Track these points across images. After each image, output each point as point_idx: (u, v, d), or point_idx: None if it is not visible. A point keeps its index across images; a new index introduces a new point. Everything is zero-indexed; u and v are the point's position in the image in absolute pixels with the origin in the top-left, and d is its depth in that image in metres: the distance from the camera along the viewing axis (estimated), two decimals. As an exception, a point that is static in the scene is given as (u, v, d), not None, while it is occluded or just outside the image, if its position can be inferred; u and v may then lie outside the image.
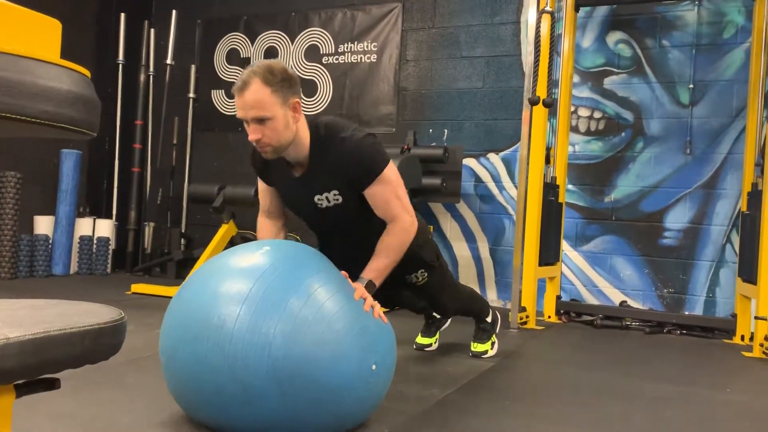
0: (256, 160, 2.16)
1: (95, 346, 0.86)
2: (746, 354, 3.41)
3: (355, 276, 1.97)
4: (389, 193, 2.01)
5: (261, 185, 2.24)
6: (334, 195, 2.03)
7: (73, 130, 0.70)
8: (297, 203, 2.16)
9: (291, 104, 1.89)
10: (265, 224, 2.26)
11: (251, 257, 1.73)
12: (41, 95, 0.66)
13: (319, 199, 2.05)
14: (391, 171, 2.03)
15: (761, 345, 3.32)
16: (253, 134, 1.88)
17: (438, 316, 3.10)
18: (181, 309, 1.69)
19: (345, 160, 1.96)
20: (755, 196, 3.63)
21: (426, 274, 2.41)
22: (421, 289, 2.50)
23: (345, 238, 2.16)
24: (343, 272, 1.83)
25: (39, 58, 0.67)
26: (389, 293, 2.62)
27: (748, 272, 3.66)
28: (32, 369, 0.80)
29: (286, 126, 1.89)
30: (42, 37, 0.70)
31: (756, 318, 3.37)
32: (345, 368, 1.60)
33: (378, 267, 1.98)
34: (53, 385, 0.91)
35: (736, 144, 4.23)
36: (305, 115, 2.02)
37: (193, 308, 1.64)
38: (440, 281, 2.53)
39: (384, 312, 1.86)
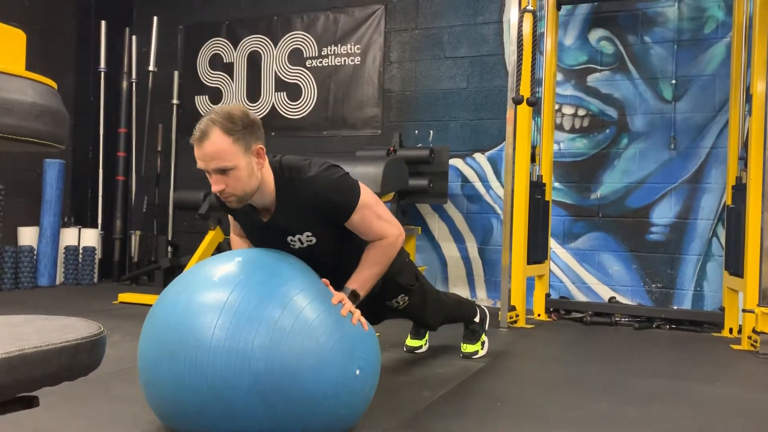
0: (222, 202, 2.03)
1: (72, 363, 0.84)
2: (735, 347, 3.42)
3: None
4: (370, 216, 1.96)
5: (230, 216, 2.17)
6: (307, 237, 1.96)
7: (39, 143, 0.67)
8: (269, 246, 2.04)
9: (254, 151, 1.79)
10: (237, 240, 2.22)
11: (224, 268, 1.68)
12: (3, 108, 0.63)
13: (291, 240, 1.98)
14: (366, 195, 1.96)
15: (749, 337, 3.34)
16: (216, 185, 1.78)
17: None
18: (156, 327, 1.64)
19: (316, 201, 1.88)
20: (740, 189, 3.65)
21: (407, 298, 2.39)
22: (403, 312, 2.48)
23: (322, 273, 2.12)
24: (324, 280, 1.81)
25: (0, 69, 0.65)
26: (372, 315, 2.61)
27: (734, 265, 3.68)
28: (7, 389, 0.77)
29: (250, 174, 1.79)
30: (4, 48, 0.68)
31: (744, 311, 3.39)
32: (328, 376, 1.57)
33: (362, 278, 1.95)
34: (31, 403, 0.89)
35: (719, 138, 4.26)
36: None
37: (167, 326, 1.59)
38: (421, 302, 2.49)
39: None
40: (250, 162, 1.79)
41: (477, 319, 2.98)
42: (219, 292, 1.58)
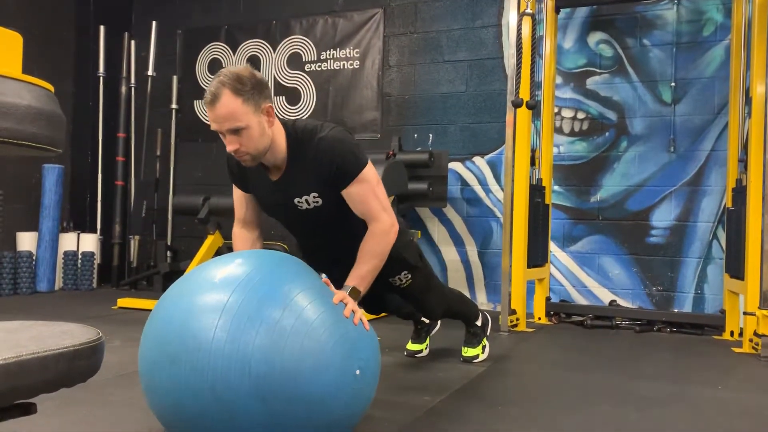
0: (232, 167, 2.13)
1: (70, 369, 0.83)
2: (736, 350, 3.42)
3: (339, 279, 1.94)
4: (367, 192, 1.98)
5: (237, 193, 2.20)
6: (314, 197, 2.00)
7: (36, 147, 0.66)
8: (276, 208, 2.12)
9: (264, 110, 1.86)
10: (240, 235, 2.20)
11: (225, 270, 1.68)
12: (-1, 112, 0.63)
13: (298, 202, 2.02)
14: (370, 170, 2.00)
15: (751, 340, 3.33)
16: (230, 145, 1.85)
17: (427, 321, 3.08)
18: (157, 330, 1.63)
19: (322, 160, 1.93)
20: (740, 192, 3.65)
21: (409, 276, 2.38)
22: (405, 292, 2.46)
23: (327, 241, 2.12)
24: (325, 279, 1.80)
25: (-5, 73, 0.64)
26: (374, 299, 2.60)
27: (735, 268, 3.67)
28: (3, 396, 0.76)
29: (261, 133, 1.86)
30: (0, 50, 0.66)
31: (744, 313, 3.39)
32: (328, 377, 1.56)
33: (360, 273, 1.94)
34: (29, 410, 0.87)
35: (719, 141, 4.26)
36: (281, 119, 2.00)
37: (168, 329, 1.58)
38: (425, 283, 2.49)
39: (371, 319, 1.82)
40: (261, 121, 1.86)
41: (479, 323, 2.96)
42: (219, 293, 1.57)
